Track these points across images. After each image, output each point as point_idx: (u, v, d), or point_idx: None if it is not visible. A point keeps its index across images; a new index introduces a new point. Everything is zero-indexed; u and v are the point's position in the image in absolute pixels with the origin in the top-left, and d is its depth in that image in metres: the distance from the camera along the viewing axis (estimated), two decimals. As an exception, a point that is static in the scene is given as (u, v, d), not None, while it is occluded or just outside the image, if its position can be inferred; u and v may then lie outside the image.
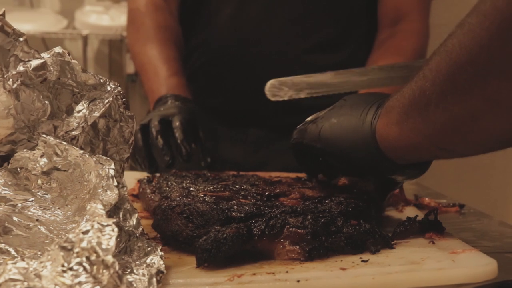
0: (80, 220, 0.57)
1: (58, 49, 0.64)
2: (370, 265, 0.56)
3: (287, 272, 0.54)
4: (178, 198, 0.68)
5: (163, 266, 0.53)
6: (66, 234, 0.49)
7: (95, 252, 0.44)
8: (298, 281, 0.52)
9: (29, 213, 0.59)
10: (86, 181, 0.60)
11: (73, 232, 0.46)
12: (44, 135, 0.62)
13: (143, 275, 0.51)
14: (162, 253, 0.56)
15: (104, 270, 0.43)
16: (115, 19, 2.66)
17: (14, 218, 0.57)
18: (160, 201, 0.73)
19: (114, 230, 0.46)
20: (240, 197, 0.69)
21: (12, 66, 0.63)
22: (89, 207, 0.52)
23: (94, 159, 0.59)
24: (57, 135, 0.64)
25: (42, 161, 0.61)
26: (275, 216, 0.61)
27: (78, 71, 0.65)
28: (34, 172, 0.62)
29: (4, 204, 0.59)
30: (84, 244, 0.44)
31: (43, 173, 0.62)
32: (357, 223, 0.63)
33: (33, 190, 0.61)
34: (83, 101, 0.66)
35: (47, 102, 0.64)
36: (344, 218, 0.63)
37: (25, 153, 0.62)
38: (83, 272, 0.43)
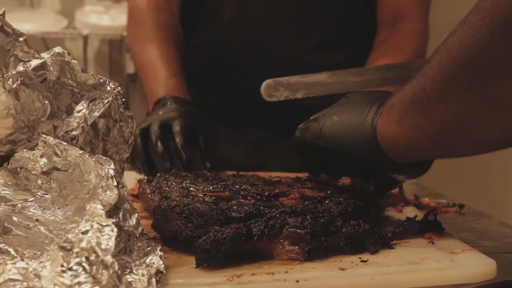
0: (79, 220, 0.57)
1: (58, 49, 0.65)
2: (369, 265, 0.56)
3: (286, 272, 0.54)
4: (178, 198, 0.68)
5: (163, 266, 0.53)
6: (66, 234, 0.49)
7: (95, 252, 0.44)
8: (297, 281, 0.52)
9: (28, 213, 0.59)
10: (86, 181, 0.60)
11: (72, 232, 0.46)
12: (44, 135, 0.62)
13: (143, 275, 0.51)
14: (162, 253, 0.56)
15: (103, 270, 0.43)
16: (116, 19, 2.66)
17: (14, 218, 0.57)
18: (159, 201, 0.73)
19: (114, 230, 0.46)
20: (239, 197, 0.69)
21: (12, 66, 0.63)
22: (88, 207, 0.52)
23: (94, 159, 0.59)
24: (57, 135, 0.64)
25: (42, 161, 0.61)
26: (275, 216, 0.61)
27: (78, 71, 0.65)
28: (34, 172, 0.62)
29: (4, 204, 0.59)
30: (83, 244, 0.44)
31: (43, 173, 0.62)
32: (356, 223, 0.63)
33: (33, 190, 0.61)
34: (83, 101, 0.66)
35: (47, 102, 0.64)
36: (343, 218, 0.63)
37: (25, 153, 0.62)
38: (83, 272, 0.43)
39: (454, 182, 1.83)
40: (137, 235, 0.59)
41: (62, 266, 0.44)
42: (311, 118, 0.75)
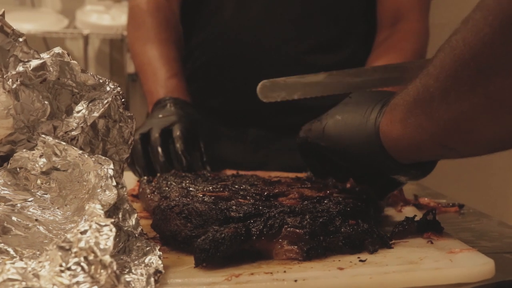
0: (79, 220, 0.57)
1: (58, 49, 0.65)
2: (367, 264, 0.56)
3: (285, 272, 0.54)
4: (177, 198, 0.68)
5: (161, 266, 0.54)
6: (65, 234, 0.49)
7: (93, 252, 0.44)
8: (296, 280, 0.52)
9: (28, 213, 0.59)
10: (85, 181, 0.60)
11: (71, 232, 0.47)
12: (43, 135, 0.62)
13: (141, 275, 0.51)
14: (161, 253, 0.56)
15: (102, 270, 0.43)
16: (116, 19, 2.66)
17: (13, 218, 0.57)
18: (159, 201, 0.73)
19: (112, 230, 0.46)
20: (239, 197, 0.69)
21: (11, 67, 0.63)
22: (87, 207, 0.52)
23: (93, 159, 0.59)
24: (56, 135, 0.64)
25: (41, 161, 0.62)
26: (274, 216, 0.61)
27: (77, 72, 0.65)
28: (33, 172, 0.62)
29: (3, 204, 0.59)
30: (82, 244, 0.44)
31: (42, 173, 0.62)
32: (355, 223, 0.63)
33: (32, 190, 0.61)
34: (83, 101, 0.66)
35: (47, 102, 0.64)
36: (342, 218, 0.63)
37: (24, 153, 0.62)
38: (81, 272, 0.43)
39: (454, 182, 1.83)
40: (136, 235, 0.59)
41: (61, 266, 0.44)
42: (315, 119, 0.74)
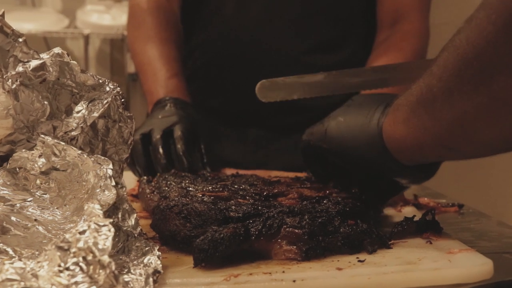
0: (78, 220, 0.57)
1: (57, 49, 0.65)
2: (366, 265, 0.56)
3: (284, 272, 0.54)
4: (177, 198, 0.68)
5: (160, 266, 0.54)
6: (64, 234, 0.50)
7: (92, 252, 0.44)
8: (294, 281, 0.52)
9: (27, 213, 0.59)
10: (85, 181, 0.60)
11: (70, 232, 0.47)
12: (42, 135, 0.62)
13: (140, 275, 0.51)
14: (160, 253, 0.56)
15: (100, 270, 0.43)
16: (117, 19, 2.67)
17: (13, 218, 0.58)
18: (158, 201, 0.73)
19: (111, 230, 0.46)
20: (238, 197, 0.69)
21: (11, 67, 0.63)
22: (86, 207, 0.52)
23: (92, 159, 0.59)
24: (56, 136, 0.64)
25: (41, 161, 0.62)
26: (273, 216, 0.61)
27: (77, 72, 0.65)
28: (32, 172, 0.62)
29: (2, 204, 0.59)
30: (80, 244, 0.45)
31: (42, 173, 0.62)
32: (354, 223, 0.63)
33: (31, 190, 0.62)
34: (82, 101, 0.66)
35: (46, 102, 0.64)
36: (341, 218, 0.63)
37: (23, 153, 0.62)
38: (80, 272, 0.44)
39: (453, 182, 1.82)
40: (135, 235, 0.59)
41: (59, 266, 0.44)
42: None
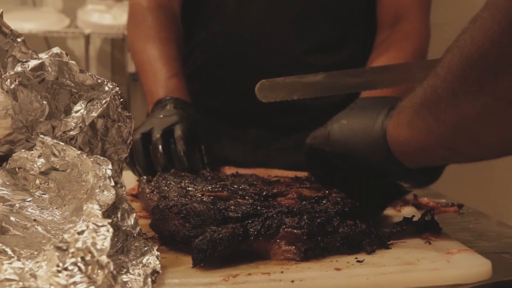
0: (77, 220, 0.57)
1: (56, 49, 0.65)
2: (365, 265, 0.56)
3: (282, 272, 0.54)
4: (176, 198, 0.68)
5: (159, 266, 0.54)
6: (63, 234, 0.50)
7: (90, 252, 0.44)
8: (293, 281, 0.52)
9: (26, 213, 0.59)
10: (84, 181, 0.60)
11: (69, 232, 0.47)
12: (42, 136, 0.62)
13: (139, 275, 0.51)
14: (158, 253, 0.56)
15: (98, 270, 0.44)
16: (117, 18, 2.66)
17: (12, 218, 0.58)
18: (158, 201, 0.73)
19: (109, 230, 0.46)
20: (237, 197, 0.69)
21: (10, 67, 0.63)
22: (85, 208, 0.52)
23: (92, 160, 0.59)
24: (55, 135, 0.64)
25: (40, 161, 0.62)
26: (271, 216, 0.61)
27: (76, 72, 0.65)
28: (32, 172, 0.62)
29: (2, 204, 0.59)
30: (79, 244, 0.45)
31: (41, 173, 0.62)
32: (353, 223, 0.63)
33: (31, 190, 0.62)
34: (81, 101, 0.66)
35: (45, 102, 0.64)
36: (340, 218, 0.63)
37: (23, 153, 0.62)
38: (78, 272, 0.44)
39: (453, 182, 1.82)
40: (134, 235, 0.59)
41: (58, 266, 0.44)
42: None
